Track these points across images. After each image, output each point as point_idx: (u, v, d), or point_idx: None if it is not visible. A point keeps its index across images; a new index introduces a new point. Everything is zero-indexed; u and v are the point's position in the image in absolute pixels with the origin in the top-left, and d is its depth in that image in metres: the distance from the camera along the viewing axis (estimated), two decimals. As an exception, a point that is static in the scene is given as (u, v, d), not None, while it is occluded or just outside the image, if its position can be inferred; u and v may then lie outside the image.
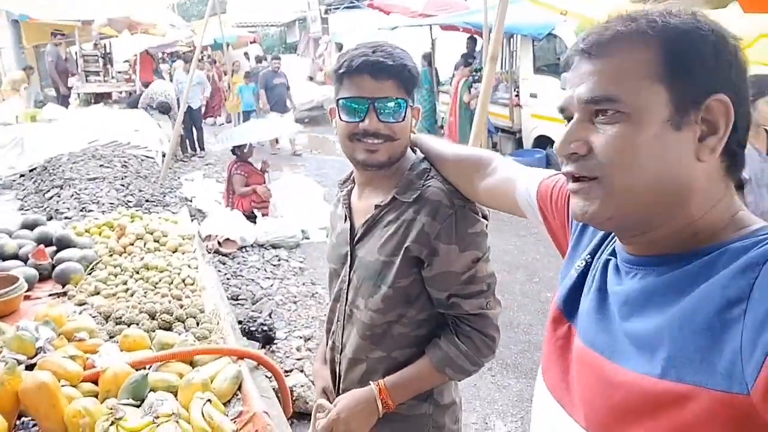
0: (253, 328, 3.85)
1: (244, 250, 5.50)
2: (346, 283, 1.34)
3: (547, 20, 6.39)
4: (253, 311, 4.17)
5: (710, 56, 0.67)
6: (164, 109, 8.63)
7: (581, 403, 0.72)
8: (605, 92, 0.68)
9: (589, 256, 0.83)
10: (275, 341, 3.82)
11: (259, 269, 5.04)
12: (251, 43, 20.37)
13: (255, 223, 5.91)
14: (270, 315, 4.12)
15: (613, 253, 0.78)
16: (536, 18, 6.49)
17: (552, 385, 0.79)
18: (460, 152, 1.27)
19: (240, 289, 4.63)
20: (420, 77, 1.27)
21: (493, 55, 3.26)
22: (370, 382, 1.27)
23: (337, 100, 1.24)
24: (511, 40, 8.56)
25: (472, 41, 9.53)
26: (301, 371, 3.47)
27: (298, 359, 3.61)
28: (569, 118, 0.74)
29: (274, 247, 5.60)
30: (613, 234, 0.80)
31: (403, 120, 1.23)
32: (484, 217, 1.25)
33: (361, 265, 1.30)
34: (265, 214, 6.18)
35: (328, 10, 18.51)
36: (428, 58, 9.98)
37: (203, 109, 11.92)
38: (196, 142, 10.44)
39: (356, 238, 1.32)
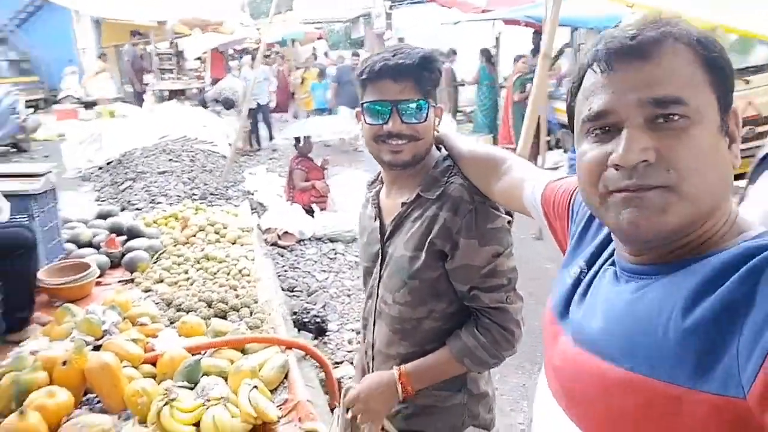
0: (306, 320, 3.96)
1: (302, 243, 5.64)
2: (377, 279, 1.39)
3: (614, 12, 6.19)
4: (307, 303, 4.29)
5: (729, 66, 0.68)
6: (228, 104, 8.94)
7: (579, 404, 0.73)
8: (674, 93, 0.65)
9: (584, 262, 0.83)
10: (327, 333, 3.92)
11: (315, 262, 5.17)
12: (317, 39, 20.75)
13: (313, 217, 6.06)
14: (324, 307, 4.22)
15: (612, 260, 0.78)
16: (602, 10, 6.30)
17: (553, 386, 0.80)
18: (476, 151, 1.29)
19: (296, 281, 4.77)
20: (439, 77, 1.29)
21: (546, 51, 3.19)
22: (393, 367, 1.31)
23: (362, 104, 1.29)
24: (575, 33, 8.31)
25: (537, 36, 9.33)
26: (351, 363, 3.55)
27: (349, 351, 3.69)
28: (605, 127, 0.69)
29: (331, 240, 5.72)
30: (611, 241, 0.80)
31: (425, 120, 1.27)
32: (508, 213, 1.26)
33: (390, 262, 1.34)
34: (323, 208, 6.31)
35: (392, 5, 18.55)
36: (486, 54, 9.84)
37: (272, 105, 12.16)
38: (267, 135, 10.69)
39: (386, 236, 1.37)
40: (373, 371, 1.44)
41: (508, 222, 1.27)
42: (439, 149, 1.36)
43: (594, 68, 0.72)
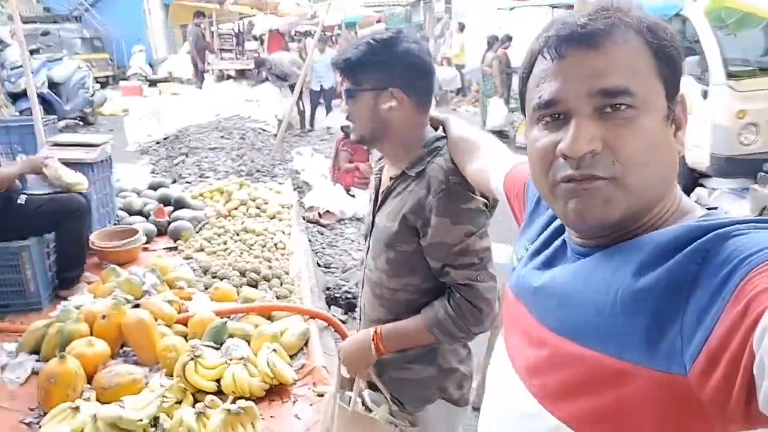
0: (338, 295, 4.09)
1: (342, 222, 5.77)
2: (367, 247, 1.49)
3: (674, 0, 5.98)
4: (341, 279, 4.42)
5: (678, 53, 0.68)
6: (282, 76, 9.12)
7: (532, 373, 0.75)
8: (622, 84, 0.65)
9: (532, 241, 0.85)
10: (357, 309, 4.03)
11: (353, 241, 5.29)
12: (377, 22, 20.75)
13: (354, 197, 6.17)
14: (356, 284, 4.34)
15: (562, 239, 0.79)
16: (661, -2, 6.09)
17: (512, 354, 0.82)
18: (463, 135, 1.34)
19: (333, 258, 4.91)
20: (387, 62, 1.35)
21: None
22: (370, 329, 1.42)
23: None
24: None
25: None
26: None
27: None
28: (555, 115, 0.69)
29: (371, 221, 5.81)
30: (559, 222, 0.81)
31: (351, 106, 1.39)
32: (484, 197, 1.31)
33: (375, 231, 1.44)
34: (365, 190, 6.42)
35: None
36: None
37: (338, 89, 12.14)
38: (324, 117, 10.83)
39: (376, 207, 1.46)
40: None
41: (485, 205, 1.32)
42: (436, 130, 1.43)
43: (545, 54, 0.70)
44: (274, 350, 2.33)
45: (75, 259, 3.08)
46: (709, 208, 0.71)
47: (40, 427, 2.01)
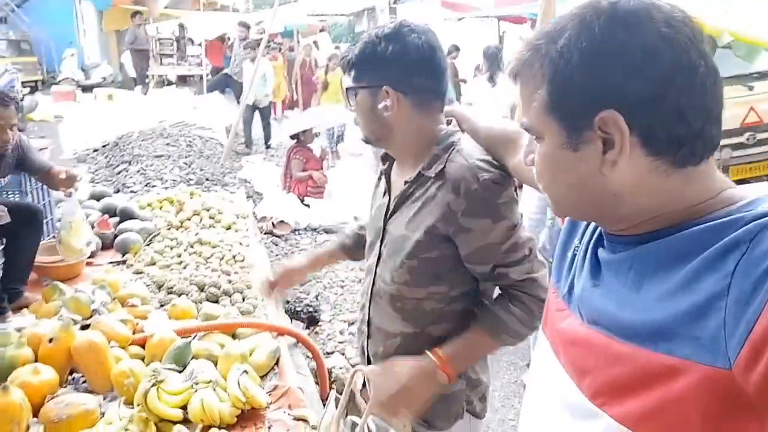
0: (298, 309, 3.91)
1: (297, 232, 5.59)
2: (377, 257, 1.36)
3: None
4: (300, 292, 4.24)
5: (582, 79, 0.67)
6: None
7: (582, 373, 0.74)
8: (524, 123, 0.75)
9: (578, 241, 0.85)
10: (319, 323, 3.87)
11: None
12: (320, 31, 20.59)
13: (309, 207, 6.01)
14: (317, 297, 4.17)
15: (601, 238, 0.80)
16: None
17: (558, 353, 0.81)
18: (493, 127, 1.27)
19: (290, 270, 4.73)
20: (383, 59, 1.27)
21: None
22: (427, 352, 1.24)
23: None
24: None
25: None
26: (342, 354, 3.51)
27: (341, 342, 3.64)
28: None
29: (326, 231, 5.67)
30: None
31: (353, 106, 1.33)
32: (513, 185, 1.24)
33: (390, 240, 1.32)
34: (319, 198, 6.26)
35: (396, 0, 18.46)
36: (491, 52, 9.77)
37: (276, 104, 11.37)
38: (262, 136, 9.99)
39: (389, 213, 1.35)
40: (368, 348, 1.41)
41: (514, 191, 1.24)
42: (449, 123, 1.33)
43: None
44: (245, 372, 2.15)
45: (22, 273, 2.81)
46: None
47: (-22, 470, 1.76)
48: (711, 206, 0.66)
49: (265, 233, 5.40)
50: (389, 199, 1.36)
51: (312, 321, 3.89)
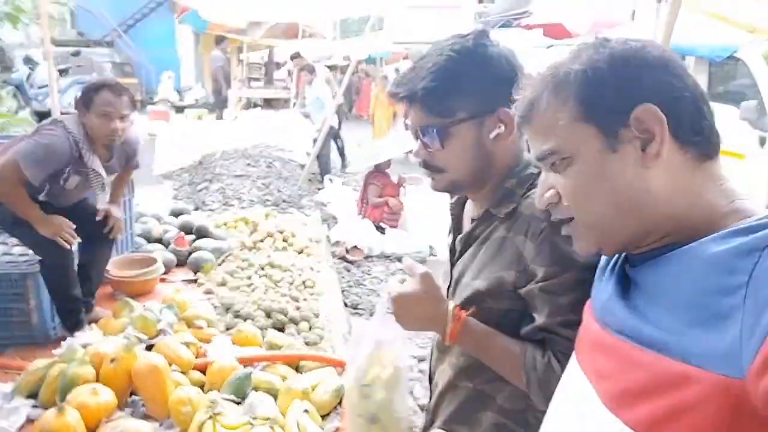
0: (368, 340, 3.76)
1: (369, 259, 5.47)
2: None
3: (729, 40, 5.67)
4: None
5: (613, 80, 0.73)
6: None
7: (601, 377, 0.75)
8: (544, 149, 0.77)
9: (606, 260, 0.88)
10: (389, 357, 3.70)
11: (381, 281, 4.97)
12: (403, 59, 20.82)
13: (383, 233, 5.88)
14: (387, 329, 4.01)
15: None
16: (715, 37, 5.77)
17: (580, 359, 0.83)
18: None
19: (360, 298, 4.59)
20: (476, 83, 1.05)
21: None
22: (450, 308, 1.06)
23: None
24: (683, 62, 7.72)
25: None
26: (411, 393, 3.30)
27: (410, 380, 3.44)
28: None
29: (399, 260, 5.51)
30: None
31: (443, 146, 1.06)
32: None
33: (455, 287, 1.14)
34: (394, 226, 6.13)
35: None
36: None
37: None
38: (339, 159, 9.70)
39: (455, 255, 1.17)
40: (432, 407, 1.24)
41: None
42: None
43: None
44: (306, 411, 2.00)
45: (67, 306, 2.70)
46: None
47: (27, 493, 1.69)
48: (725, 220, 0.69)
49: (337, 258, 5.32)
50: (453, 239, 1.20)
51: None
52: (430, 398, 1.26)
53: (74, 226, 2.62)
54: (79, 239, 2.64)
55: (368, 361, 1.18)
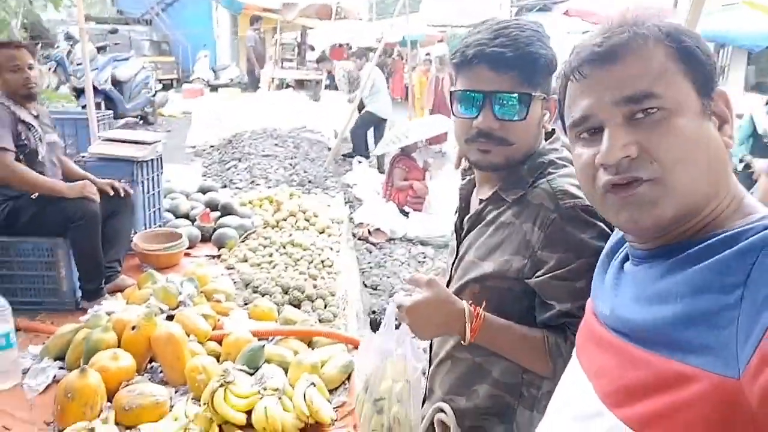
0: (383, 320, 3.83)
1: (392, 242, 5.53)
2: (448, 279, 1.24)
3: (768, 30, 5.49)
4: (388, 303, 4.16)
5: (705, 54, 0.72)
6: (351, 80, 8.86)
7: (599, 374, 0.76)
8: (647, 89, 0.69)
9: (609, 247, 0.88)
10: (404, 338, 3.76)
11: (402, 263, 5.03)
12: (438, 42, 20.61)
13: (407, 217, 5.93)
14: (404, 310, 4.07)
15: (626, 244, 0.82)
16: (755, 26, 5.59)
17: (580, 354, 0.84)
18: None
19: (381, 279, 4.65)
20: (551, 64, 1.07)
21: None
22: (465, 306, 1.07)
23: (451, 92, 1.11)
24: (721, 51, 7.52)
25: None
26: (424, 374, 3.36)
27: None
28: (591, 129, 0.75)
29: (422, 243, 5.56)
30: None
31: (525, 117, 1.06)
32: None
33: (460, 264, 1.18)
34: (418, 210, 6.16)
35: (519, 11, 18.05)
36: None
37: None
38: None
39: (462, 234, 1.20)
40: (428, 375, 1.28)
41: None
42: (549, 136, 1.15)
43: (571, 78, 0.77)
44: (313, 384, 2.07)
45: (90, 273, 2.83)
46: None
47: (51, 447, 1.81)
48: (733, 216, 0.69)
49: (359, 239, 5.39)
50: (460, 218, 1.23)
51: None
52: (429, 364, 1.31)
53: (95, 186, 2.81)
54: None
55: (379, 375, 1.20)
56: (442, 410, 1.20)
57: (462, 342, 1.07)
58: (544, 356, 1.04)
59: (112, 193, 2.95)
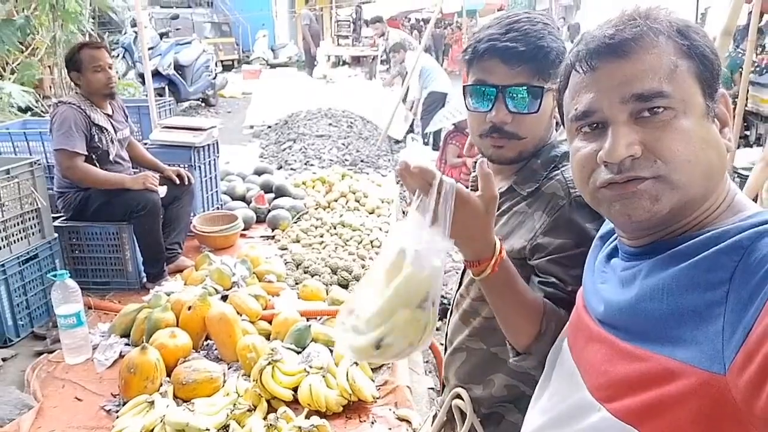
0: (433, 299, 3.87)
1: (444, 220, 5.54)
2: (462, 269, 1.26)
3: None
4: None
5: (713, 53, 0.71)
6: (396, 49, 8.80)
7: (589, 367, 0.77)
8: (656, 87, 0.68)
9: (599, 240, 0.89)
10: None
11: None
12: (498, 10, 20.09)
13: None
14: (452, 289, 4.10)
15: (616, 249, 0.81)
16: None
17: (572, 347, 0.85)
18: None
19: (431, 257, 4.68)
20: (559, 55, 1.07)
21: (727, 29, 2.67)
22: (497, 242, 0.97)
23: (464, 87, 1.12)
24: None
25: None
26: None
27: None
28: (593, 124, 0.73)
29: (474, 221, 5.53)
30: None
31: (538, 110, 1.06)
32: None
33: None
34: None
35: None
36: None
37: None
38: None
39: None
40: (444, 363, 1.33)
41: None
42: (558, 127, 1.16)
43: (577, 68, 0.74)
44: (356, 363, 2.16)
45: (152, 257, 3.02)
46: None
47: (117, 417, 1.98)
48: (722, 211, 0.70)
49: (411, 218, 5.42)
50: None
51: (445, 312, 3.82)
52: (445, 351, 1.35)
53: (157, 176, 2.99)
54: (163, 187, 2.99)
55: (413, 281, 1.03)
56: (459, 396, 1.24)
57: (475, 277, 0.98)
58: (537, 317, 1.01)
59: (178, 181, 3.12)
